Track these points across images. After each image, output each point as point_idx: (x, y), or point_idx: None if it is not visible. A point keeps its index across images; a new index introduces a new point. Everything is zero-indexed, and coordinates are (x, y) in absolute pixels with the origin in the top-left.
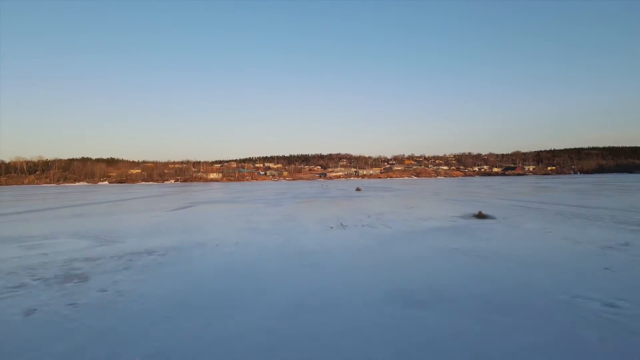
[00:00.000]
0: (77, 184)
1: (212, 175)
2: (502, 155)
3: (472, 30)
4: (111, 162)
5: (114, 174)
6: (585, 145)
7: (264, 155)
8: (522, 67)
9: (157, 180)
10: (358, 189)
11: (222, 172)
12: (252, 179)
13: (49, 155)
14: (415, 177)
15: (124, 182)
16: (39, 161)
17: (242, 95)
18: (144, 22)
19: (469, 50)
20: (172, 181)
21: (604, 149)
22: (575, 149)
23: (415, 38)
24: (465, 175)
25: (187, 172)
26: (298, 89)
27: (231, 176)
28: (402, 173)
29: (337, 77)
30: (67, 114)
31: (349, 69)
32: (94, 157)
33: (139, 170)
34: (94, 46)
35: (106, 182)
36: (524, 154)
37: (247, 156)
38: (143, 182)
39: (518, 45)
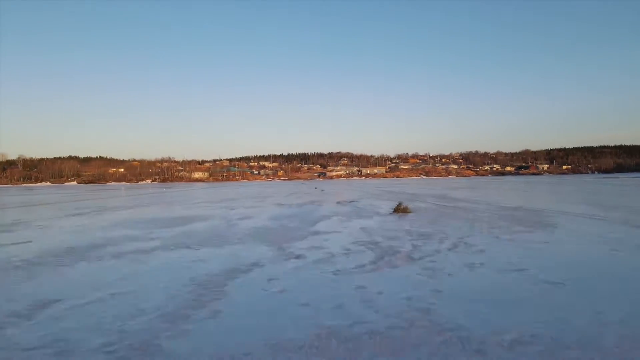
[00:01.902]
0: (38, 184)
1: (198, 175)
2: (512, 154)
3: (477, 27)
4: (86, 160)
5: (89, 172)
6: (594, 144)
7: (262, 154)
8: (527, 65)
9: (130, 180)
10: (402, 209)
11: (209, 172)
12: (242, 178)
13: (46, 153)
14: (425, 177)
15: (95, 183)
16: None
17: (239, 93)
18: (143, 20)
19: (472, 48)
20: (149, 181)
21: (615, 147)
22: (587, 147)
23: (417, 36)
24: (477, 174)
25: (167, 172)
26: (297, 88)
27: (219, 175)
28: (409, 172)
29: (337, 76)
30: (58, 112)
31: (348, 67)
32: (82, 155)
33: (122, 169)
34: (88, 44)
35: (74, 182)
36: (535, 152)
37: (244, 155)
38: (114, 182)
39: (520, 44)
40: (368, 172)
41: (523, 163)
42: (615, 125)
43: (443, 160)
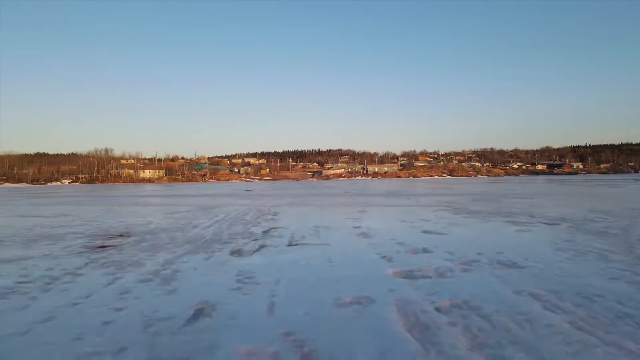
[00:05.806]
0: None
1: (147, 174)
2: (534, 151)
3: (483, 25)
4: None
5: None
6: (616, 142)
7: (252, 152)
8: (534, 62)
9: (36, 181)
10: None
11: (165, 169)
12: (212, 178)
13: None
14: (449, 176)
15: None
16: None
17: (236, 89)
18: (144, 17)
19: (478, 45)
20: (67, 181)
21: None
22: (612, 144)
23: (422, 32)
24: (507, 173)
25: (101, 168)
26: (296, 85)
27: (178, 174)
28: (429, 171)
29: (338, 74)
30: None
31: (349, 65)
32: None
33: (67, 167)
34: (82, 40)
35: None
36: (558, 149)
37: (234, 152)
38: (7, 184)
39: (522, 41)
40: (376, 170)
41: (549, 161)
42: (632, 122)
43: (457, 157)
